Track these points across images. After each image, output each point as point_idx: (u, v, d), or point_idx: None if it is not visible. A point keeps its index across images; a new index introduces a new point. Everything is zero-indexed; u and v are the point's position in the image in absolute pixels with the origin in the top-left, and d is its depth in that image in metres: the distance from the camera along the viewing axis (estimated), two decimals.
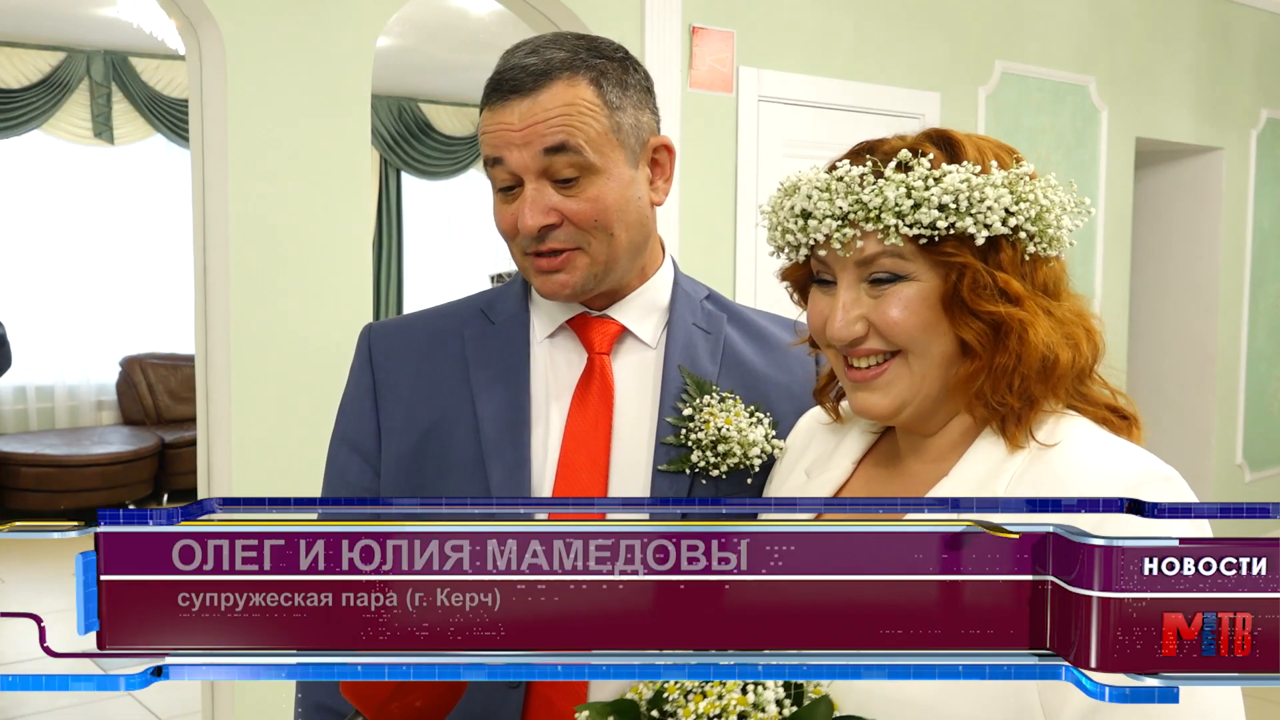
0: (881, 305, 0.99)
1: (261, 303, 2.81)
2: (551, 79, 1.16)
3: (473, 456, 1.22)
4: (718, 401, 1.22)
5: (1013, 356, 0.96)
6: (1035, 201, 0.96)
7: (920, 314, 0.97)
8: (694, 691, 0.87)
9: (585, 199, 1.17)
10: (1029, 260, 0.98)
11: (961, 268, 0.96)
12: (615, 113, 1.19)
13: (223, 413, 2.81)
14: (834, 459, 1.13)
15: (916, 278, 0.97)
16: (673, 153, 1.26)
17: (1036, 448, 0.97)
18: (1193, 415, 5.71)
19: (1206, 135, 5.47)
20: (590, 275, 1.20)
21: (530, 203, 1.16)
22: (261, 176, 2.80)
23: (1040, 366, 0.96)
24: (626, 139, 1.20)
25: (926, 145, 0.99)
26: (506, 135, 1.16)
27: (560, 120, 1.15)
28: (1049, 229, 0.97)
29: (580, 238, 1.18)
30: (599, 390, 1.25)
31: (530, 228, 1.16)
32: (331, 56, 2.89)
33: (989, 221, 0.94)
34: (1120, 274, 5.06)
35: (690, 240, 3.53)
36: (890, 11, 4.05)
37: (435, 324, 1.32)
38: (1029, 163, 1.01)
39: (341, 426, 1.32)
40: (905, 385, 1.00)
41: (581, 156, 1.16)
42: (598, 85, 1.18)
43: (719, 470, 1.20)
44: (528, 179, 1.17)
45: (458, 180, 8.64)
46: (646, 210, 1.24)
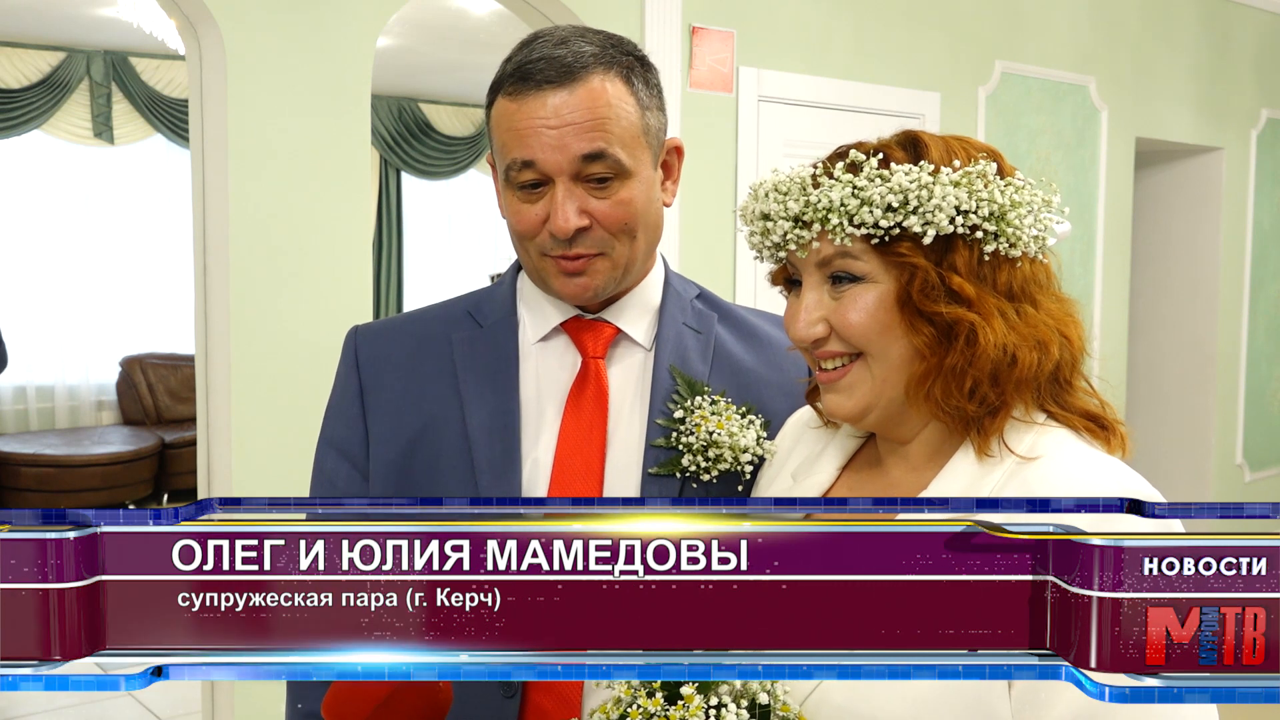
0: (840, 307, 0.98)
1: (261, 303, 2.81)
2: (587, 72, 1.13)
3: (462, 463, 1.20)
4: (709, 404, 1.20)
5: (963, 358, 0.94)
6: (991, 199, 0.93)
7: (877, 316, 0.97)
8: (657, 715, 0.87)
9: (616, 201, 1.14)
10: (988, 261, 0.95)
11: (913, 269, 0.95)
12: (645, 112, 1.17)
13: (223, 413, 2.81)
14: (819, 464, 1.12)
15: (874, 279, 0.97)
16: (682, 155, 1.25)
17: (1016, 462, 0.95)
18: (1193, 415, 5.71)
19: (1206, 135, 5.47)
20: (611, 279, 1.19)
21: (565, 205, 1.13)
22: (261, 176, 2.80)
23: (993, 370, 0.94)
24: (653, 140, 1.18)
25: (892, 147, 0.99)
26: (539, 132, 1.12)
27: (598, 122, 1.12)
28: (1009, 228, 0.94)
29: (607, 242, 1.16)
30: (594, 395, 1.23)
31: (565, 230, 1.13)
32: (331, 56, 2.89)
33: (935, 220, 0.93)
34: (1120, 274, 5.06)
35: (690, 240, 3.53)
36: (890, 11, 4.05)
37: (422, 327, 1.30)
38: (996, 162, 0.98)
39: (328, 431, 1.30)
40: (868, 388, 0.99)
41: (619, 161, 1.13)
42: (629, 83, 1.16)
43: (710, 475, 1.19)
44: (560, 180, 1.13)
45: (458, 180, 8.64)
46: (661, 212, 1.22)
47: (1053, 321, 0.98)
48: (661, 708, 0.87)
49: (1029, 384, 0.96)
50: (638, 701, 0.88)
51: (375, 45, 2.98)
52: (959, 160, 0.96)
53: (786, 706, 0.89)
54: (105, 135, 6.99)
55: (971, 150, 0.99)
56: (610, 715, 0.90)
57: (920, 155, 0.97)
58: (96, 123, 6.95)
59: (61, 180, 7.02)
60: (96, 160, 7.11)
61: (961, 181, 0.94)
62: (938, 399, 0.96)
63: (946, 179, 0.93)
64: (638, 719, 0.87)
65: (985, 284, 0.96)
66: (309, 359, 2.83)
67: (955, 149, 0.99)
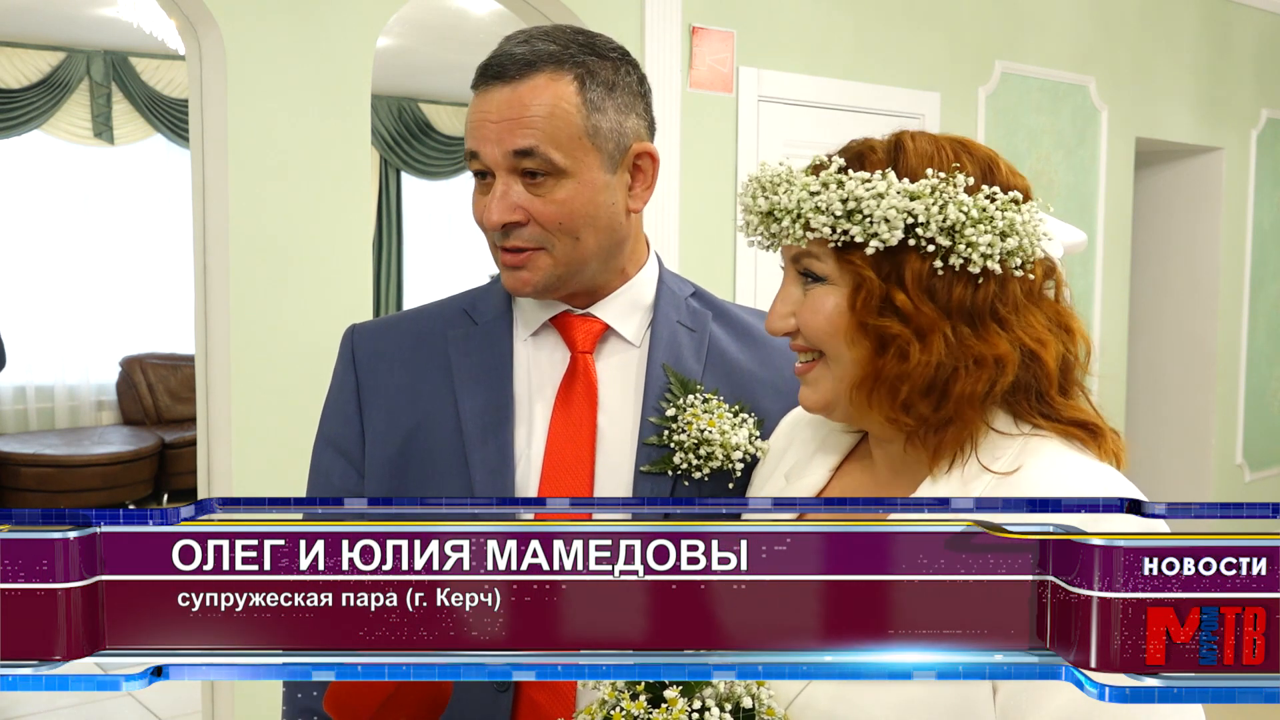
0: (805, 305, 1.00)
1: (261, 303, 2.81)
2: (535, 70, 1.15)
3: (455, 457, 1.21)
4: (701, 403, 1.21)
5: (894, 372, 0.94)
6: (946, 215, 0.91)
7: (832, 320, 0.98)
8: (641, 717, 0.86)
9: (552, 200, 1.16)
10: (940, 276, 0.93)
11: (861, 279, 0.95)
12: (594, 114, 1.17)
13: (223, 413, 2.81)
14: (812, 464, 1.13)
15: (834, 281, 0.98)
16: (656, 160, 1.24)
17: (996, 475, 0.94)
18: (1193, 415, 5.71)
19: (1206, 135, 5.47)
20: (553, 275, 1.19)
21: (498, 198, 1.16)
22: (261, 176, 2.80)
23: (925, 386, 0.94)
24: (604, 143, 1.18)
25: (874, 149, 0.99)
26: (483, 125, 1.16)
27: (529, 120, 1.14)
28: (964, 244, 0.92)
29: (544, 238, 1.17)
30: (582, 389, 1.24)
31: (494, 223, 1.16)
32: (331, 56, 2.89)
33: (878, 232, 0.92)
34: (1120, 274, 5.06)
35: (690, 240, 3.53)
36: (890, 11, 4.05)
37: (418, 325, 1.31)
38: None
39: (325, 428, 1.31)
40: (828, 386, 1.01)
41: (550, 160, 1.15)
42: (581, 83, 1.17)
43: (701, 473, 1.19)
44: (498, 173, 1.16)
45: (458, 180, 8.63)
46: (620, 216, 1.21)
47: (1027, 338, 0.95)
48: (645, 710, 0.87)
49: (974, 401, 0.94)
50: (621, 704, 0.88)
51: (375, 45, 2.98)
52: (933, 169, 0.94)
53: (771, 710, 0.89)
54: (105, 135, 6.99)
55: (961, 157, 0.97)
56: (595, 717, 0.89)
57: (898, 160, 0.96)
58: (96, 123, 6.95)
59: (61, 180, 7.02)
60: (96, 160, 7.11)
61: (921, 193, 0.92)
62: (881, 406, 0.97)
63: (901, 189, 0.92)
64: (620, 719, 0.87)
65: (933, 299, 0.94)
66: (309, 359, 2.83)
67: (939, 157, 0.96)
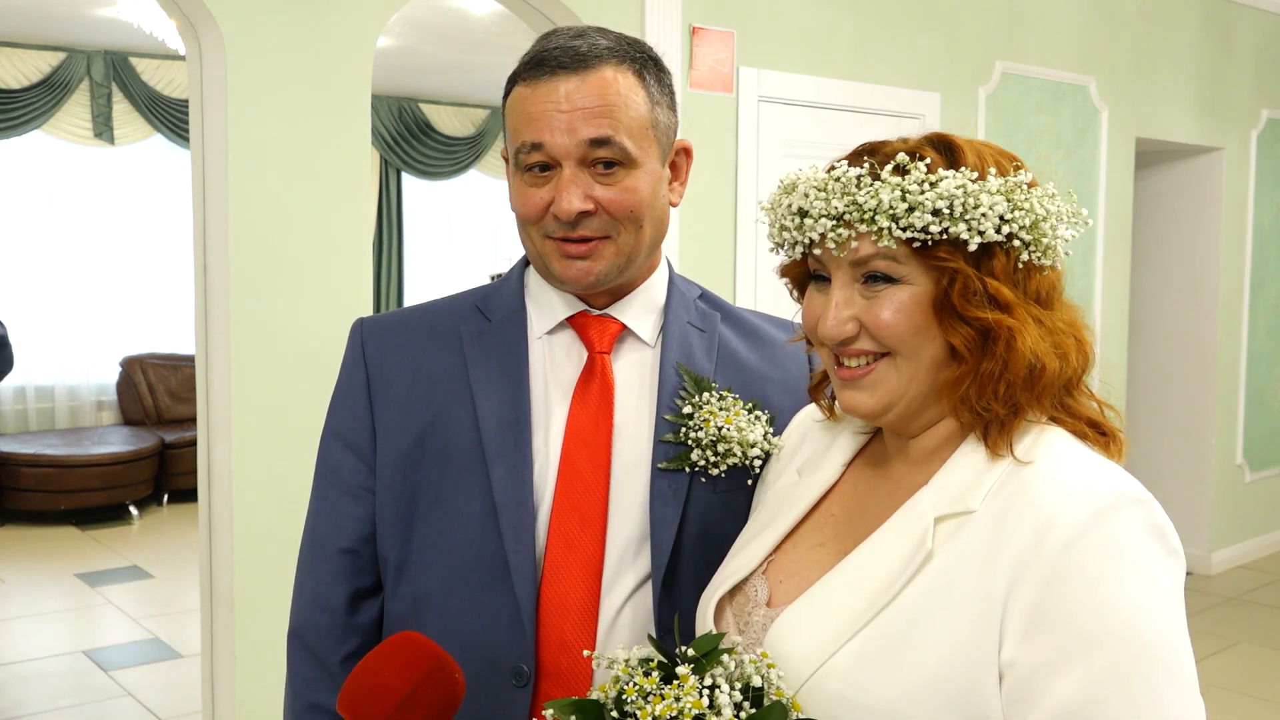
0: (874, 307, 0.99)
1: (261, 303, 2.81)
2: (600, 62, 1.17)
3: (474, 455, 1.22)
4: (716, 400, 1.22)
5: (999, 363, 0.96)
6: (1030, 210, 0.96)
7: (911, 317, 0.98)
8: (653, 693, 0.88)
9: (622, 189, 1.17)
10: (1022, 268, 0.98)
11: (954, 273, 0.96)
12: (655, 107, 1.20)
13: (223, 413, 2.81)
14: (825, 459, 1.14)
15: (909, 280, 0.98)
16: (691, 157, 1.28)
17: (1013, 462, 0.96)
18: (1193, 415, 5.71)
19: (1206, 135, 5.47)
20: (614, 266, 1.21)
21: (570, 188, 1.16)
22: (261, 176, 2.80)
23: (1027, 375, 0.96)
24: (661, 135, 1.21)
25: (926, 149, 1.00)
26: (551, 115, 1.15)
27: (607, 109, 1.15)
28: (1044, 238, 0.97)
29: (612, 227, 1.18)
30: (599, 389, 1.24)
31: (569, 212, 1.16)
32: (331, 56, 2.89)
33: (982, 228, 0.95)
34: (1120, 274, 5.06)
35: (690, 240, 3.53)
36: (890, 11, 4.05)
37: (430, 320, 1.31)
38: (1027, 171, 1.01)
39: (334, 422, 1.31)
40: (892, 386, 1.01)
41: (625, 149, 1.16)
42: (641, 77, 1.19)
43: (719, 469, 1.21)
44: (567, 164, 1.16)
45: (458, 180, 8.64)
46: (668, 210, 1.25)
47: (1068, 328, 1.00)
48: (657, 686, 0.89)
49: (1052, 388, 0.98)
50: (635, 679, 0.90)
51: (375, 45, 2.98)
52: (993, 168, 0.98)
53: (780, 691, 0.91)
54: (105, 135, 7.00)
55: (1002, 157, 1.01)
56: (608, 694, 0.92)
57: (956, 159, 0.99)
58: (97, 123, 6.96)
59: (62, 180, 7.03)
60: (97, 160, 7.11)
61: (1004, 190, 0.96)
62: (971, 401, 0.98)
63: (993, 187, 0.95)
64: (633, 696, 0.88)
65: (1019, 290, 0.98)
66: (309, 359, 2.83)
67: (985, 154, 1.00)
